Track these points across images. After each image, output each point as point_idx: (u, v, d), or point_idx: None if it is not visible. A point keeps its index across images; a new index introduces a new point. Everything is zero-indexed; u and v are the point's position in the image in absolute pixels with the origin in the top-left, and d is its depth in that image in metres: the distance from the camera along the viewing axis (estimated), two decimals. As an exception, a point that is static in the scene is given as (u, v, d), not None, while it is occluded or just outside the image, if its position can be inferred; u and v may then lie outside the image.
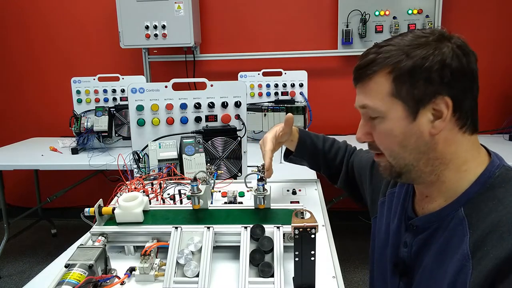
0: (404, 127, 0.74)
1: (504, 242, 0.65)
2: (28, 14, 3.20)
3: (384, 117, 0.75)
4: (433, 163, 0.76)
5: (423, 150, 0.75)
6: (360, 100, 0.79)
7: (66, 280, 0.71)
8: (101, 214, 0.95)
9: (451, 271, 0.71)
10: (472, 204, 0.73)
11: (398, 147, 0.76)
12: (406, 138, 0.74)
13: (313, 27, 3.00)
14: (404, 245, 0.86)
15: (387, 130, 0.76)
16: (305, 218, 0.75)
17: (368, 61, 0.75)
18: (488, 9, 2.80)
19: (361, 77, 0.77)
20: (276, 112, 2.54)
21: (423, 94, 0.71)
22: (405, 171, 0.78)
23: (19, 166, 2.40)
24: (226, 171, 1.49)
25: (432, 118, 0.72)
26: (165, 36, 2.77)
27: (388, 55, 0.73)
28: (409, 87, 0.71)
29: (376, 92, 0.75)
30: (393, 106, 0.74)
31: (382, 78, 0.74)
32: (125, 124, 2.52)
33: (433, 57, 0.70)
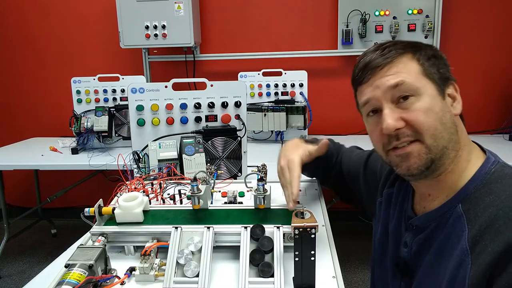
0: (440, 104, 0.76)
1: (500, 235, 0.66)
2: (28, 14, 3.20)
3: (420, 94, 0.75)
4: (456, 147, 0.77)
5: (454, 131, 0.77)
6: (391, 79, 0.76)
7: (66, 280, 0.71)
8: (101, 214, 0.95)
9: (451, 267, 0.72)
10: (470, 200, 0.74)
11: (439, 124, 0.75)
12: (444, 114, 0.76)
13: (313, 27, 3.00)
14: (404, 245, 0.86)
15: (427, 106, 0.75)
16: (305, 218, 0.75)
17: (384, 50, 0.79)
18: (488, 9, 2.80)
19: (381, 64, 0.77)
20: (276, 112, 2.54)
21: (445, 76, 0.78)
22: (439, 157, 0.75)
23: (19, 166, 2.40)
24: (226, 171, 1.49)
25: (451, 100, 0.78)
26: (165, 36, 2.77)
27: (401, 46, 0.79)
28: (436, 69, 0.77)
29: (408, 70, 0.76)
30: (427, 84, 0.76)
31: (409, 60, 0.77)
32: (125, 124, 2.52)
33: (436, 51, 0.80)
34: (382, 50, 0.79)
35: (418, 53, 0.78)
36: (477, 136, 2.76)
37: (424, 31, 2.76)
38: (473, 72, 2.87)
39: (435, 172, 0.78)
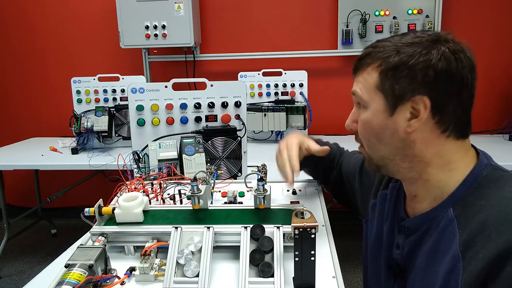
0: (381, 120, 0.76)
1: (492, 241, 0.65)
2: (28, 14, 3.20)
3: (366, 106, 0.79)
4: (411, 160, 0.77)
5: (399, 146, 0.77)
6: (353, 87, 0.82)
7: (66, 280, 0.71)
8: (101, 214, 0.95)
9: (443, 272, 0.71)
10: (461, 204, 0.73)
11: (374, 138, 0.79)
12: (382, 131, 0.77)
13: (313, 27, 3.00)
14: (397, 246, 0.86)
15: (366, 120, 0.79)
16: (305, 218, 0.75)
17: (365, 53, 0.80)
18: (488, 9, 2.80)
19: (357, 67, 0.82)
20: (276, 112, 2.54)
21: (403, 91, 0.72)
22: (382, 164, 0.81)
23: (19, 166, 2.40)
24: (226, 171, 1.49)
25: (409, 116, 0.74)
26: (165, 36, 2.77)
27: (382, 49, 0.76)
28: (392, 82, 0.73)
29: (366, 82, 0.78)
30: (376, 98, 0.76)
31: (372, 70, 0.77)
32: (125, 124, 2.52)
33: (419, 55, 0.71)
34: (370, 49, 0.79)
35: (386, 61, 0.74)
36: (477, 136, 2.76)
37: (424, 31, 2.76)
38: (473, 72, 2.87)
39: (392, 174, 0.83)
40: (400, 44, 0.74)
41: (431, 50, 0.71)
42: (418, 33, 0.75)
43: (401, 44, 0.74)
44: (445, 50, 0.71)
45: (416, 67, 0.71)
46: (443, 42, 0.72)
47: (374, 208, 0.98)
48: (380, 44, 0.77)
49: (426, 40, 0.72)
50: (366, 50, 0.80)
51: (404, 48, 0.73)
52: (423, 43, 0.72)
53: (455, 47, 0.72)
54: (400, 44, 0.74)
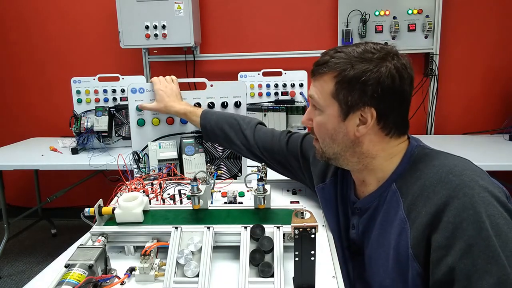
0: (335, 124, 0.89)
1: (430, 200, 0.79)
2: (28, 14, 3.20)
3: (323, 110, 0.90)
4: (359, 156, 0.91)
5: (349, 145, 0.90)
6: (310, 90, 0.93)
7: (66, 280, 0.71)
8: (101, 214, 0.95)
9: (394, 236, 0.84)
10: (401, 178, 0.88)
11: (328, 138, 0.92)
12: (336, 133, 0.90)
13: (313, 27, 3.00)
14: (352, 227, 0.99)
15: (322, 122, 0.91)
16: (305, 218, 0.75)
17: (323, 61, 0.88)
18: (488, 9, 2.80)
19: (314, 73, 0.91)
20: (276, 112, 2.53)
21: (355, 102, 0.84)
22: (333, 158, 0.94)
23: (19, 166, 2.40)
24: (226, 171, 1.49)
25: (358, 122, 0.87)
26: (165, 36, 2.77)
27: (338, 61, 0.85)
28: (346, 93, 0.85)
29: (322, 88, 0.89)
30: (331, 104, 0.88)
31: (329, 79, 0.87)
32: (125, 124, 2.52)
33: (371, 73, 0.82)
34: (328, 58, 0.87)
35: (341, 74, 0.84)
36: (477, 136, 2.76)
37: (424, 31, 2.76)
38: (473, 72, 2.87)
39: (341, 166, 0.96)
40: (354, 58, 0.84)
41: (380, 68, 0.82)
42: (370, 47, 0.86)
43: (355, 58, 0.84)
44: (391, 67, 0.83)
45: (368, 83, 0.82)
46: (390, 59, 0.84)
47: (323, 192, 1.09)
48: (337, 55, 0.86)
49: (377, 57, 0.83)
50: (324, 58, 0.88)
51: (357, 63, 0.83)
52: (374, 60, 0.83)
53: (399, 65, 0.84)
54: (354, 58, 0.84)
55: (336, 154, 0.93)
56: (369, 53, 0.84)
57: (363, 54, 0.84)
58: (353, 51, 0.86)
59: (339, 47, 0.89)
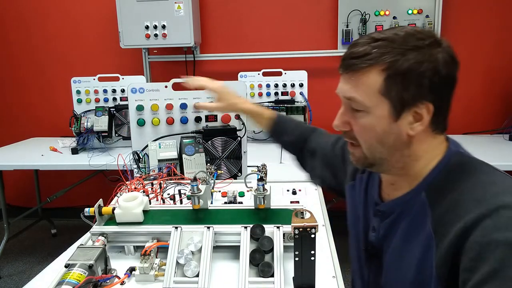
0: (385, 126, 0.76)
1: (461, 218, 0.69)
2: (28, 14, 3.20)
3: (368, 112, 0.76)
4: (404, 159, 0.80)
5: (399, 148, 0.78)
6: (347, 91, 0.78)
7: (66, 280, 0.71)
8: (101, 214, 0.95)
9: (418, 251, 0.76)
10: (432, 188, 0.78)
11: (376, 142, 0.78)
12: (386, 136, 0.77)
13: (313, 27, 3.00)
14: (373, 229, 0.90)
15: (369, 125, 0.77)
16: (305, 218, 0.75)
17: (362, 52, 0.74)
18: (488, 9, 2.80)
19: (352, 67, 0.76)
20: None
21: (411, 98, 0.73)
22: (378, 164, 0.82)
23: (19, 166, 2.40)
24: (226, 171, 1.49)
25: (412, 120, 0.75)
26: (165, 36, 2.77)
27: (385, 50, 0.72)
28: (400, 89, 0.73)
29: (366, 86, 0.75)
30: (380, 104, 0.75)
31: (375, 74, 0.73)
32: (125, 124, 2.52)
33: (428, 63, 0.71)
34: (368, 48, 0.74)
35: (393, 66, 0.72)
36: (477, 136, 2.76)
37: (424, 31, 2.76)
38: (473, 72, 2.87)
39: (382, 172, 0.87)
40: (402, 45, 0.72)
41: (436, 56, 0.72)
42: (412, 31, 0.74)
43: (403, 46, 0.72)
44: (444, 55, 0.73)
45: (425, 75, 0.71)
46: (439, 44, 0.73)
47: (353, 189, 1.01)
48: (380, 44, 0.73)
49: (429, 44, 0.72)
50: (362, 49, 0.74)
51: (409, 53, 0.71)
52: (425, 47, 0.72)
53: (450, 50, 0.74)
54: (403, 46, 0.72)
55: (383, 159, 0.80)
56: (416, 39, 0.73)
57: (409, 39, 0.72)
58: (396, 36, 0.73)
59: (374, 33, 0.76)
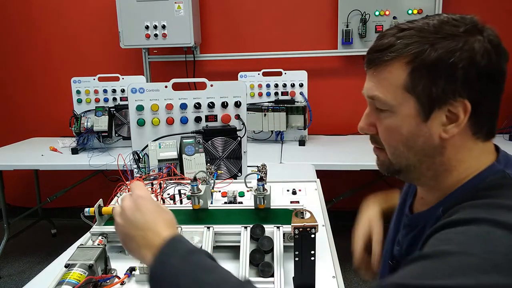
0: (413, 126, 0.66)
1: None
2: (28, 14, 3.20)
3: (393, 111, 0.67)
4: (436, 168, 0.69)
5: (429, 154, 0.68)
6: (370, 89, 0.70)
7: (66, 280, 0.71)
8: (101, 214, 0.95)
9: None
10: (452, 204, 0.67)
11: (402, 146, 0.69)
12: (413, 138, 0.67)
13: (313, 27, 3.00)
14: (397, 243, 0.84)
15: (394, 126, 0.68)
16: (305, 218, 0.75)
17: (386, 44, 0.66)
18: (488, 9, 2.80)
19: (375, 62, 0.68)
20: (276, 112, 2.53)
21: (441, 93, 0.63)
22: (405, 170, 0.72)
23: (19, 166, 2.40)
24: (226, 171, 1.49)
25: (445, 121, 0.65)
26: (165, 36, 2.77)
27: (410, 41, 0.64)
28: (427, 83, 0.63)
29: (389, 83, 0.66)
30: (405, 101, 0.66)
31: (399, 68, 0.65)
32: (125, 124, 2.52)
33: (461, 52, 0.61)
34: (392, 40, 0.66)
35: (418, 58, 0.63)
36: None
37: (424, 31, 2.76)
38: (473, 72, 2.87)
39: (411, 181, 0.77)
40: (432, 34, 0.63)
41: (472, 44, 0.62)
42: (446, 18, 0.66)
43: (433, 34, 0.63)
44: (485, 43, 0.63)
45: (458, 66, 0.61)
46: (480, 31, 0.64)
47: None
48: (405, 34, 0.65)
49: (463, 31, 0.63)
50: (387, 41, 0.66)
51: (439, 41, 0.62)
52: (460, 35, 0.63)
53: (493, 38, 0.64)
54: (432, 35, 0.63)
55: (410, 166, 0.70)
56: (450, 26, 0.64)
57: (442, 27, 0.63)
58: (427, 25, 0.64)
59: (403, 23, 0.67)
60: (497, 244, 0.54)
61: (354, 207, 1.21)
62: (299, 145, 2.58)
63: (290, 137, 2.66)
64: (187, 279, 0.56)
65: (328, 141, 2.71)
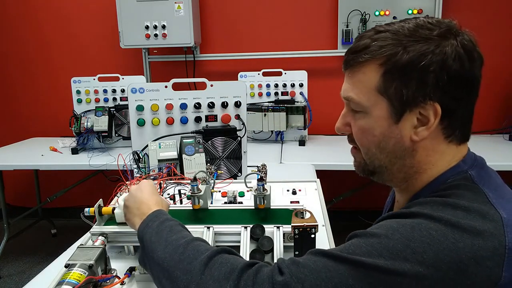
0: (385, 128, 0.68)
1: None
2: (28, 14, 3.20)
3: (366, 113, 0.69)
4: (407, 170, 0.71)
5: (400, 155, 0.69)
6: (345, 90, 0.71)
7: (66, 280, 0.71)
8: (101, 214, 0.95)
9: None
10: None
11: (375, 147, 0.71)
12: (385, 139, 0.69)
13: (313, 27, 3.00)
14: None
15: (367, 127, 0.70)
16: (305, 218, 0.75)
17: (362, 46, 0.67)
18: (488, 9, 2.80)
19: (350, 63, 0.70)
20: (276, 112, 2.54)
21: (412, 96, 0.64)
22: (377, 171, 0.74)
23: (19, 166, 2.40)
24: (226, 171, 1.49)
25: (416, 123, 0.66)
26: (165, 36, 2.77)
27: (384, 43, 0.65)
28: (399, 85, 0.64)
29: (363, 84, 0.68)
30: (378, 103, 0.67)
31: (372, 70, 0.66)
32: (125, 124, 2.52)
33: (432, 55, 0.62)
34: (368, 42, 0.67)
35: (391, 60, 0.64)
36: (477, 136, 2.76)
37: (424, 31, 2.76)
38: (473, 72, 2.87)
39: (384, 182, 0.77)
40: (406, 37, 0.64)
41: (445, 48, 0.63)
42: (422, 22, 0.66)
43: (406, 37, 0.64)
44: (457, 47, 0.63)
45: (429, 69, 0.62)
46: (455, 35, 0.65)
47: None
48: (380, 36, 0.66)
49: (437, 35, 0.64)
50: (362, 42, 0.67)
51: (412, 45, 0.63)
52: (433, 38, 0.63)
53: (467, 43, 0.65)
54: (406, 38, 0.64)
55: (382, 167, 0.72)
56: (424, 29, 0.64)
57: (416, 31, 0.64)
58: (402, 28, 0.65)
59: (380, 26, 0.68)
60: (424, 234, 0.57)
61: (354, 207, 1.21)
62: (299, 145, 2.59)
63: (290, 137, 2.66)
64: (159, 237, 0.74)
65: (328, 141, 2.71)
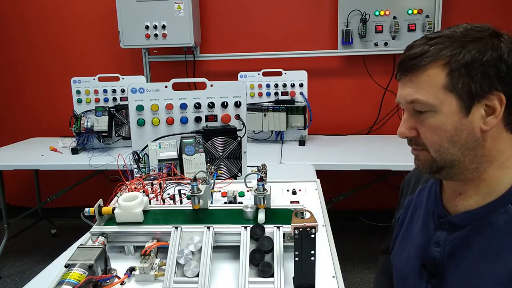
0: (456, 122, 0.73)
1: None
2: (28, 14, 3.20)
3: (435, 111, 0.74)
4: (479, 160, 0.76)
5: (472, 147, 0.75)
6: (409, 95, 0.76)
7: (66, 280, 0.71)
8: (101, 214, 0.95)
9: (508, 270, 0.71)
10: None
11: (447, 142, 0.75)
12: (458, 133, 0.74)
13: (313, 27, 3.00)
14: (436, 244, 0.84)
15: (437, 124, 0.75)
16: (305, 218, 0.75)
17: (420, 52, 0.74)
18: (488, 8, 2.80)
19: (411, 68, 0.75)
20: (276, 112, 2.54)
21: (479, 89, 0.71)
22: (448, 166, 0.77)
23: (19, 166, 2.40)
24: (226, 171, 1.49)
25: (484, 114, 0.73)
26: (165, 36, 2.77)
27: (443, 46, 0.72)
28: (466, 81, 0.71)
29: (429, 85, 0.74)
30: (447, 100, 0.73)
31: (437, 70, 0.73)
32: (125, 124, 2.52)
33: (491, 51, 0.70)
34: (425, 48, 0.74)
35: (453, 58, 0.71)
36: None
37: (424, 31, 2.76)
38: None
39: (452, 177, 0.80)
40: (461, 39, 0.72)
41: (498, 45, 0.71)
42: (469, 27, 0.74)
43: (462, 39, 0.72)
44: (508, 43, 0.72)
45: (490, 64, 0.70)
46: (500, 35, 0.73)
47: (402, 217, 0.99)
48: (435, 41, 0.74)
49: (489, 35, 0.72)
50: (419, 49, 0.74)
51: (469, 44, 0.71)
52: (486, 37, 0.72)
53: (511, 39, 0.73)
54: (462, 40, 0.72)
55: (454, 161, 0.76)
56: (474, 32, 0.73)
57: (469, 33, 0.73)
58: (454, 32, 0.74)
59: (428, 35, 0.76)
60: None
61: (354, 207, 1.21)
62: (299, 145, 2.59)
63: (290, 137, 2.66)
64: None
65: (328, 141, 2.71)
